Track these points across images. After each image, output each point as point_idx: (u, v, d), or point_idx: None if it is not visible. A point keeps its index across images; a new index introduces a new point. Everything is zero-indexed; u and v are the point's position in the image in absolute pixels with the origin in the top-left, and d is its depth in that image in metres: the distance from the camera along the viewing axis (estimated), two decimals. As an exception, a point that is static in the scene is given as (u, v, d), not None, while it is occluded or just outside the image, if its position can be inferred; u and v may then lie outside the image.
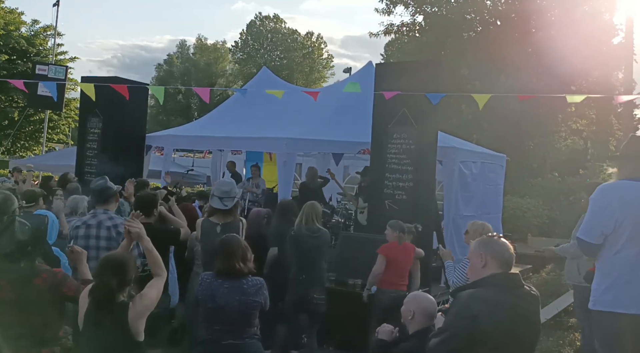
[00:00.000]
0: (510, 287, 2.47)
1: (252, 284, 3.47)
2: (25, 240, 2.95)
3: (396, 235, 5.56)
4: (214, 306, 3.37)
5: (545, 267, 10.53)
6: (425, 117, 6.85)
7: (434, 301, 3.59)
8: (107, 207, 4.27)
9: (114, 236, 4.09)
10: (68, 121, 22.36)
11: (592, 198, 3.36)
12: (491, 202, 9.40)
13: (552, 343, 6.15)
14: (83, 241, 4.07)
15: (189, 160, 20.03)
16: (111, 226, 4.13)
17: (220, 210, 4.53)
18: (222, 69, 54.34)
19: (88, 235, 4.11)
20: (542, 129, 19.83)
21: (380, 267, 5.43)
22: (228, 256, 3.45)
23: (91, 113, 9.18)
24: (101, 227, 4.13)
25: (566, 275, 5.75)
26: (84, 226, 4.15)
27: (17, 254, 2.92)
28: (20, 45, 20.93)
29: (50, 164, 14.78)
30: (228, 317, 3.37)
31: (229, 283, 3.42)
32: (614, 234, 3.25)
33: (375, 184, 7.31)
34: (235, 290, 3.40)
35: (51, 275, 3.02)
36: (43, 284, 2.95)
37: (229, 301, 3.36)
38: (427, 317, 3.42)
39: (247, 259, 3.49)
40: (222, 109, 11.69)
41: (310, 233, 5.31)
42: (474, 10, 20.75)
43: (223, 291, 3.39)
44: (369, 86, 7.46)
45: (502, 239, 2.62)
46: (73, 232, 4.16)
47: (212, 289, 3.40)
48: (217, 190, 4.58)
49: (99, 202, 4.29)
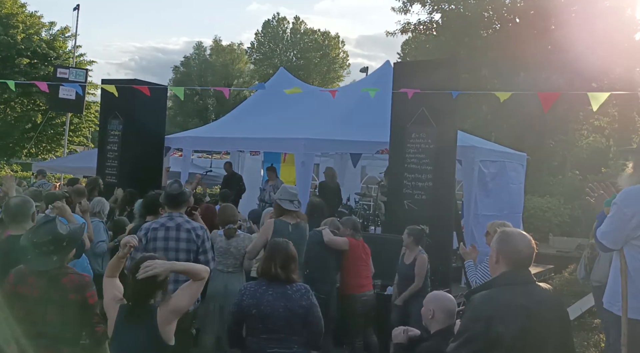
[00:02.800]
0: (519, 285, 2.42)
1: (296, 290, 3.38)
2: (63, 235, 3.00)
3: (349, 233, 5.50)
4: (259, 314, 3.28)
5: (567, 267, 10.37)
6: (445, 116, 6.80)
7: (453, 299, 3.56)
8: (180, 211, 4.36)
9: (193, 238, 4.19)
10: (89, 124, 22.68)
11: (617, 204, 3.21)
12: (512, 201, 9.29)
13: (577, 345, 6.04)
14: (162, 243, 4.13)
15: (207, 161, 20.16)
16: (190, 229, 4.22)
17: (291, 211, 4.83)
18: (238, 70, 54.63)
19: (167, 237, 4.18)
20: (563, 126, 19.56)
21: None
22: (268, 259, 3.41)
23: (111, 115, 9.30)
24: (180, 230, 4.20)
25: (594, 274, 5.63)
26: (162, 228, 4.20)
27: (53, 246, 2.95)
28: (41, 49, 21.29)
29: (71, 166, 15.01)
30: (274, 325, 3.29)
31: (273, 289, 3.34)
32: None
33: (394, 184, 7.27)
34: (280, 297, 3.31)
35: (78, 277, 3.06)
36: (69, 284, 2.98)
37: (275, 308, 3.29)
38: (447, 316, 3.40)
39: (289, 267, 3.40)
40: (240, 110, 11.76)
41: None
42: (492, 8, 20.54)
43: (268, 298, 3.30)
44: (386, 85, 7.42)
45: (520, 233, 2.54)
46: (151, 234, 4.19)
47: (257, 297, 3.32)
48: (286, 193, 4.91)
49: (173, 206, 4.34)
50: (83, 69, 17.92)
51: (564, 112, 18.62)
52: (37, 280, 2.95)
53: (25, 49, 20.93)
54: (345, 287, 5.45)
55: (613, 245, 3.24)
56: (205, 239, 4.26)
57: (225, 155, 17.42)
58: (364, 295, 5.42)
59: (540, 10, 19.41)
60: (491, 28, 21.19)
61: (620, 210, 3.18)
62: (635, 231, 3.12)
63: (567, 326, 2.57)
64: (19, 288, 2.98)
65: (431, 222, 6.66)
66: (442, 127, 6.82)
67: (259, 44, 52.79)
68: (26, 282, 2.97)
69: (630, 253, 3.17)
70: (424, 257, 5.51)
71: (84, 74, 16.05)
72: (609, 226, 3.23)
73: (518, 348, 2.30)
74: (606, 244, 3.26)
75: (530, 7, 19.98)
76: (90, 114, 22.23)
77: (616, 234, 3.20)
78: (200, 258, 4.14)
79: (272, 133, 9.15)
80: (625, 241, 3.17)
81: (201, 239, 4.22)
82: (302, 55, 51.27)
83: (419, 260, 5.50)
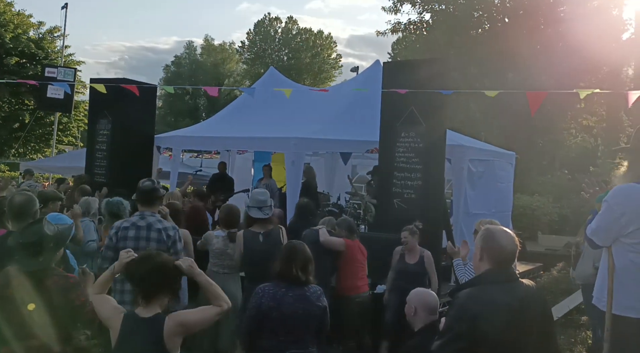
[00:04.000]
0: (502, 282, 2.44)
1: (313, 291, 3.41)
2: (50, 236, 2.96)
3: (345, 234, 5.45)
4: (280, 316, 3.29)
5: (556, 265, 10.46)
6: (434, 115, 6.82)
7: (435, 296, 3.62)
8: (153, 210, 4.25)
9: (164, 239, 4.09)
10: (77, 123, 22.53)
11: (608, 201, 3.22)
12: (501, 200, 9.35)
13: (564, 342, 6.11)
14: (133, 242, 4.02)
15: (198, 161, 20.11)
16: (161, 229, 4.13)
17: (260, 219, 4.63)
18: (229, 70, 54.48)
19: (138, 236, 4.09)
20: (552, 126, 19.70)
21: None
22: (288, 261, 3.40)
23: (100, 115, 9.24)
24: (151, 229, 4.11)
25: (577, 272, 5.69)
26: (133, 227, 4.12)
27: (39, 247, 2.93)
28: (29, 49, 21.11)
29: (60, 165, 14.90)
30: (293, 326, 3.31)
31: (293, 291, 3.36)
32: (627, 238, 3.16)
33: (384, 183, 7.29)
34: (299, 299, 3.34)
35: (63, 278, 3.02)
36: (53, 286, 2.95)
37: (295, 310, 3.31)
38: (429, 312, 3.46)
39: (308, 268, 3.43)
40: (230, 109, 11.72)
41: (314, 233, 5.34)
42: (482, 7, 20.65)
43: (288, 300, 3.33)
44: (376, 85, 7.43)
45: (503, 231, 2.56)
46: (121, 233, 4.10)
47: (277, 299, 3.33)
48: (254, 201, 4.68)
49: (145, 203, 4.25)
50: (71, 68, 17.79)
51: (553, 111, 18.77)
52: (23, 282, 2.93)
53: (14, 49, 20.76)
54: (341, 288, 5.44)
55: (602, 242, 3.27)
56: (176, 240, 4.15)
57: (216, 154, 17.38)
58: (358, 297, 5.42)
59: (529, 10, 19.55)
60: (481, 27, 21.30)
61: (610, 207, 3.19)
62: (625, 229, 3.14)
63: (551, 323, 2.60)
64: (5, 290, 2.96)
65: (421, 221, 6.68)
66: (432, 126, 6.85)
67: (251, 44, 52.69)
68: (12, 284, 2.94)
69: (619, 251, 3.19)
70: (429, 253, 5.58)
71: (73, 73, 15.94)
72: (599, 223, 3.25)
73: (502, 345, 2.32)
74: (596, 241, 3.29)
75: (519, 7, 20.12)
76: (79, 113, 22.08)
77: (606, 232, 3.22)
78: None
79: (262, 132, 9.13)
80: (615, 238, 3.20)
81: (172, 240, 4.12)
82: (293, 55, 51.23)
83: (427, 257, 5.54)
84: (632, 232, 3.13)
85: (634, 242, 3.14)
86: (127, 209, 5.21)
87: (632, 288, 3.11)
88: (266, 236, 4.62)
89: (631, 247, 3.15)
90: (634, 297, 3.11)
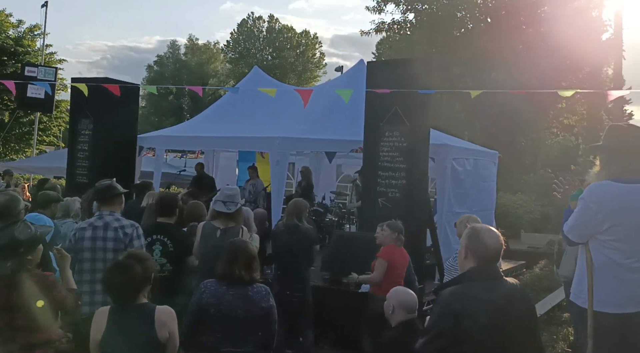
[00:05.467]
0: (486, 280, 2.46)
1: (257, 291, 3.37)
2: (20, 240, 2.93)
3: (395, 237, 5.17)
4: (218, 313, 3.27)
5: (538, 263, 10.59)
6: (417, 115, 6.85)
7: (413, 295, 3.66)
8: (112, 208, 4.22)
9: (121, 237, 4.05)
10: (59, 122, 22.20)
11: (582, 199, 3.26)
12: (484, 198, 9.43)
13: (546, 338, 6.18)
14: (90, 242, 4.02)
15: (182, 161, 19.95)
16: (118, 227, 4.09)
17: (223, 213, 4.55)
18: (214, 69, 54.17)
19: (95, 236, 4.06)
20: (534, 125, 19.95)
21: (380, 274, 4.98)
22: (230, 260, 3.36)
23: (82, 114, 9.10)
24: (108, 229, 4.08)
25: (562, 269, 5.75)
26: (90, 228, 4.09)
27: (8, 251, 2.90)
28: (8, 46, 20.75)
29: (41, 166, 14.69)
30: (231, 325, 3.28)
31: (234, 290, 3.32)
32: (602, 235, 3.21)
33: (368, 182, 7.30)
34: (240, 297, 3.31)
35: (41, 278, 3.01)
36: (32, 288, 2.92)
37: (234, 308, 3.28)
38: (406, 311, 3.52)
39: (252, 267, 3.38)
40: (214, 108, 11.65)
41: (285, 230, 5.32)
42: (465, 8, 20.83)
43: (228, 298, 3.29)
44: (360, 84, 7.44)
45: (488, 229, 2.58)
46: (79, 233, 4.08)
47: (217, 296, 3.30)
48: (222, 195, 4.61)
49: (103, 202, 4.23)
50: (52, 67, 17.52)
51: (535, 110, 19.00)
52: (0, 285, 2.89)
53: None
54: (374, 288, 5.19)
55: (578, 239, 3.31)
56: (134, 237, 4.08)
57: (200, 154, 17.26)
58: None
59: (511, 11, 19.76)
60: (464, 27, 21.47)
61: (586, 205, 3.23)
62: (601, 226, 3.19)
63: (534, 320, 2.62)
64: None
65: (405, 220, 6.71)
66: (415, 125, 6.87)
67: (235, 43, 52.43)
68: None
69: (595, 248, 3.23)
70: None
71: (53, 72, 15.70)
72: (575, 221, 3.29)
73: (486, 343, 2.34)
74: (572, 238, 3.32)
75: (501, 7, 20.32)
76: (61, 112, 21.77)
77: (582, 229, 3.26)
78: None
79: (247, 132, 9.09)
80: (591, 235, 3.24)
81: (129, 237, 4.06)
82: (277, 54, 51.10)
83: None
84: (608, 229, 3.17)
85: (609, 239, 3.18)
86: None
87: (609, 284, 3.16)
88: (224, 232, 4.48)
89: (607, 244, 3.19)
90: (612, 293, 3.16)
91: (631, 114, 31.47)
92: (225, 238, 4.35)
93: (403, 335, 3.45)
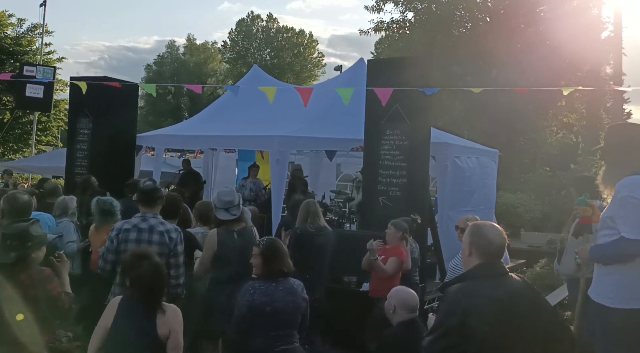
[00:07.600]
0: (492, 276, 2.43)
1: (297, 284, 3.44)
2: (31, 235, 2.99)
3: (399, 237, 5.17)
4: (273, 311, 3.27)
5: (539, 262, 10.57)
6: (418, 113, 6.84)
7: (414, 295, 3.66)
8: (154, 211, 4.14)
9: (166, 241, 4.00)
10: (58, 122, 22.15)
11: (631, 195, 2.99)
12: (485, 197, 9.41)
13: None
14: (134, 245, 3.92)
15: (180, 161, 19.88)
16: (164, 231, 4.03)
17: (229, 220, 4.41)
18: (212, 69, 54.13)
19: (140, 239, 3.98)
20: (533, 124, 19.94)
21: (396, 270, 4.98)
22: (272, 258, 3.39)
23: (80, 114, 9.07)
24: (153, 232, 4.02)
25: (562, 267, 5.72)
26: (134, 230, 4.01)
27: (16, 242, 2.95)
28: (8, 46, 20.71)
29: (40, 165, 14.65)
30: (283, 321, 3.31)
31: (282, 285, 3.37)
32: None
33: (369, 181, 7.28)
34: (288, 292, 3.35)
35: (38, 272, 3.01)
36: (27, 280, 2.93)
37: (286, 303, 3.31)
38: (407, 310, 3.54)
39: (288, 262, 3.47)
40: (213, 108, 11.63)
41: (316, 232, 5.24)
42: (464, 7, 20.82)
43: (279, 293, 3.32)
44: (360, 83, 7.42)
45: (491, 225, 2.56)
46: (123, 235, 4.00)
47: (269, 294, 3.31)
48: (220, 202, 4.41)
49: (146, 204, 4.14)
50: (51, 66, 17.47)
51: (534, 109, 19.00)
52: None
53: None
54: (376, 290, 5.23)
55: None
56: (178, 242, 4.07)
57: (200, 154, 17.22)
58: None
59: (510, 10, 19.76)
60: (463, 26, 21.46)
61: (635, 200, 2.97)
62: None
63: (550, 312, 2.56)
64: None
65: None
66: (416, 124, 6.86)
67: (233, 43, 52.38)
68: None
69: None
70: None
71: (52, 71, 15.63)
72: (634, 221, 2.98)
73: (492, 339, 2.31)
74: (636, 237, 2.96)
75: (500, 7, 20.32)
76: (60, 112, 21.72)
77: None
78: (170, 261, 3.97)
79: (246, 131, 9.07)
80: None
81: (174, 242, 4.05)
82: (275, 54, 51.05)
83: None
84: None
85: None
86: (119, 208, 5.10)
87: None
88: (240, 233, 4.42)
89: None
90: None
91: (630, 113, 31.49)
92: (242, 239, 4.33)
93: (404, 334, 3.45)
